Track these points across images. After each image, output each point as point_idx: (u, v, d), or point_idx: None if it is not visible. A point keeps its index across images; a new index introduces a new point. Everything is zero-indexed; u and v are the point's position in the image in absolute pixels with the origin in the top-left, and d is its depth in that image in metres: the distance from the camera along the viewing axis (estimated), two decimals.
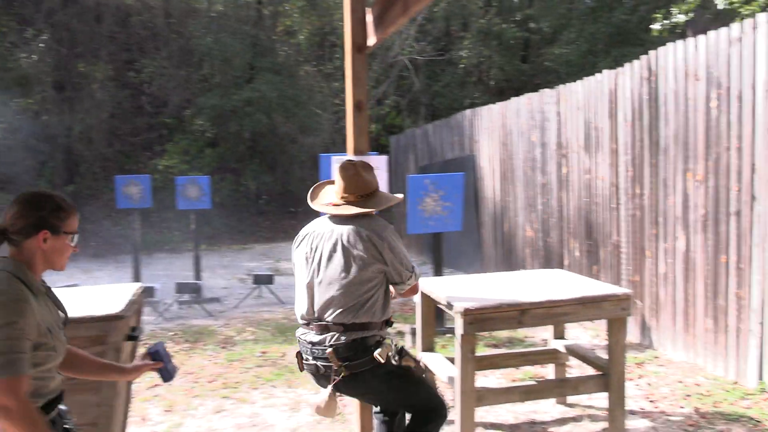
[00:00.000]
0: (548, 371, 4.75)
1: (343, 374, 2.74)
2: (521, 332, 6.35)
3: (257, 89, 15.71)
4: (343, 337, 2.76)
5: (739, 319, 4.70)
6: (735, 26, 4.64)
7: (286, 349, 6.17)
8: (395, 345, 2.92)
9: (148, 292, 7.91)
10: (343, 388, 2.83)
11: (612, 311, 3.63)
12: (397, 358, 2.88)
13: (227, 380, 5.31)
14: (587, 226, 6.65)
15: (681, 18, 6.88)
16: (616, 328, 3.69)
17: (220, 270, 11.74)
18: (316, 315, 2.86)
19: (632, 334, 6.01)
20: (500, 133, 8.65)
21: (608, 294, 3.63)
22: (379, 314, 2.81)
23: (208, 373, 5.51)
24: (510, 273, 4.47)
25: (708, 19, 16.39)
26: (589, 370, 4.46)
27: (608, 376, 3.72)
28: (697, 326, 5.14)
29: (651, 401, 4.57)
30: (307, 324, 2.90)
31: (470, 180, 9.43)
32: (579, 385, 3.77)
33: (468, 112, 9.75)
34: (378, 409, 3.23)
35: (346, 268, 2.77)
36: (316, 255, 2.90)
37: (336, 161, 3.54)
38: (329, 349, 2.75)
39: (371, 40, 3.37)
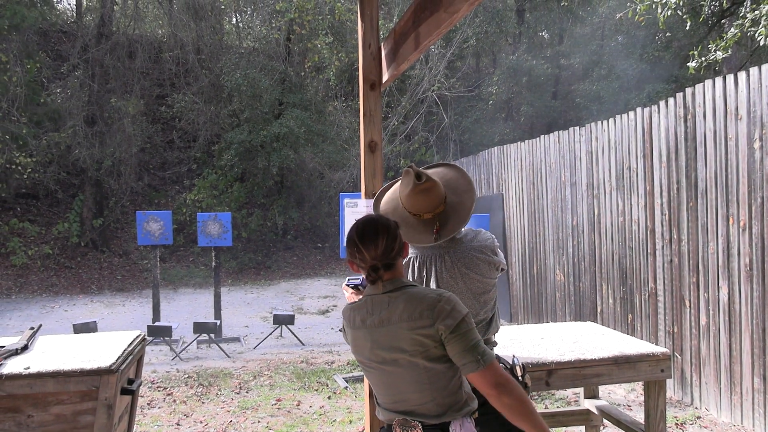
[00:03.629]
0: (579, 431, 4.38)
1: None
2: None
3: (285, 125, 15.73)
4: None
5: None
6: None
7: (302, 397, 5.89)
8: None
9: (165, 331, 7.74)
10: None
11: (649, 373, 3.30)
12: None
13: (237, 431, 5.04)
14: (621, 271, 6.29)
15: (719, 55, 6.57)
16: (655, 391, 3.35)
17: (244, 307, 11.56)
18: None
19: (672, 390, 5.59)
20: (529, 171, 8.37)
21: (645, 353, 3.29)
22: None
23: (219, 422, 5.26)
24: (537, 326, 4.15)
25: (744, 56, 15.98)
26: None
27: None
28: (743, 385, 4.73)
29: None
30: None
31: (498, 220, 9.14)
32: None
33: (496, 149, 9.50)
34: None
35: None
36: None
37: (347, 203, 3.31)
38: None
39: (385, 76, 3.17)
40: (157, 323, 8.20)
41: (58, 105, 15.01)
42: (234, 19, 19.83)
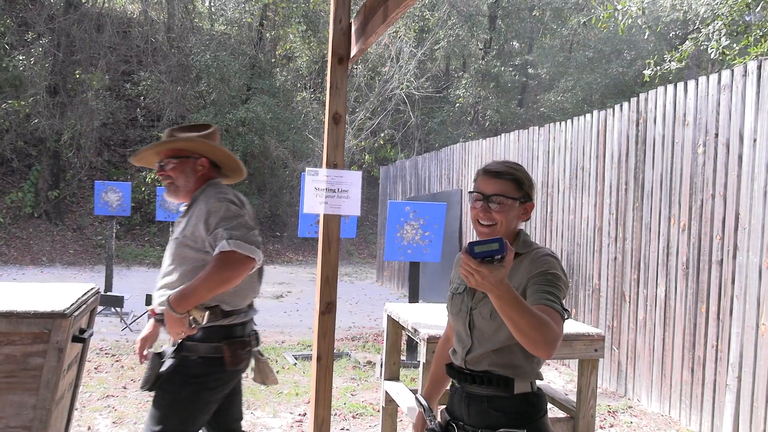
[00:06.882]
0: None
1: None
2: None
3: (252, 110, 15.70)
4: None
5: (717, 372, 4.55)
6: (725, 73, 4.60)
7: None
8: None
9: (116, 301, 7.70)
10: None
11: (584, 351, 3.49)
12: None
13: None
14: (569, 267, 6.53)
15: (673, 65, 6.90)
16: (588, 369, 3.54)
17: None
18: None
19: (608, 382, 5.85)
20: None
21: (581, 333, 3.49)
22: None
23: None
24: None
25: (704, 74, 16.59)
26: (559, 413, 4.28)
27: (576, 420, 3.55)
28: (673, 377, 5.00)
29: None
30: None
31: (456, 214, 9.34)
32: None
33: (458, 146, 9.71)
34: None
35: None
36: None
37: (308, 172, 3.42)
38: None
39: (353, 51, 3.29)
40: (109, 293, 8.15)
41: (20, 72, 14.69)
42: (207, 2, 19.68)
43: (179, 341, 2.44)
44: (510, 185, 1.89)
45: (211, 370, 2.42)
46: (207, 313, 2.37)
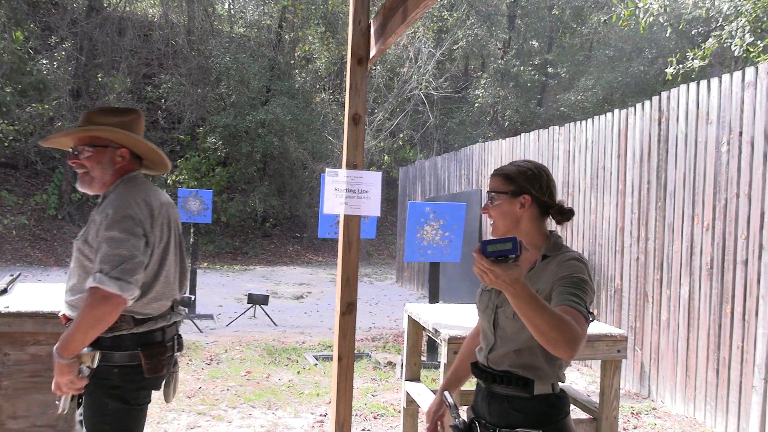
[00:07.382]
0: None
1: None
2: None
3: (272, 111, 15.79)
4: None
5: (743, 373, 4.49)
6: (749, 70, 4.54)
7: (271, 371, 6.00)
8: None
9: None
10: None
11: (606, 352, 3.45)
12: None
13: (206, 396, 5.14)
14: (590, 268, 6.47)
15: (696, 63, 6.82)
16: (611, 370, 3.51)
17: (218, 288, 11.61)
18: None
19: (631, 383, 5.79)
20: None
21: (603, 334, 3.46)
22: None
23: (188, 388, 5.34)
24: None
25: (729, 71, 16.36)
26: (581, 415, 4.25)
27: (599, 421, 3.52)
28: (698, 378, 4.93)
29: None
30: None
31: (476, 214, 9.31)
32: None
33: (477, 146, 9.68)
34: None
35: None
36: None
37: (328, 173, 3.43)
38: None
39: (372, 51, 3.29)
40: None
41: (43, 76, 14.92)
42: (226, 4, 19.83)
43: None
44: (499, 181, 1.95)
45: (129, 379, 2.22)
46: (97, 354, 2.14)
